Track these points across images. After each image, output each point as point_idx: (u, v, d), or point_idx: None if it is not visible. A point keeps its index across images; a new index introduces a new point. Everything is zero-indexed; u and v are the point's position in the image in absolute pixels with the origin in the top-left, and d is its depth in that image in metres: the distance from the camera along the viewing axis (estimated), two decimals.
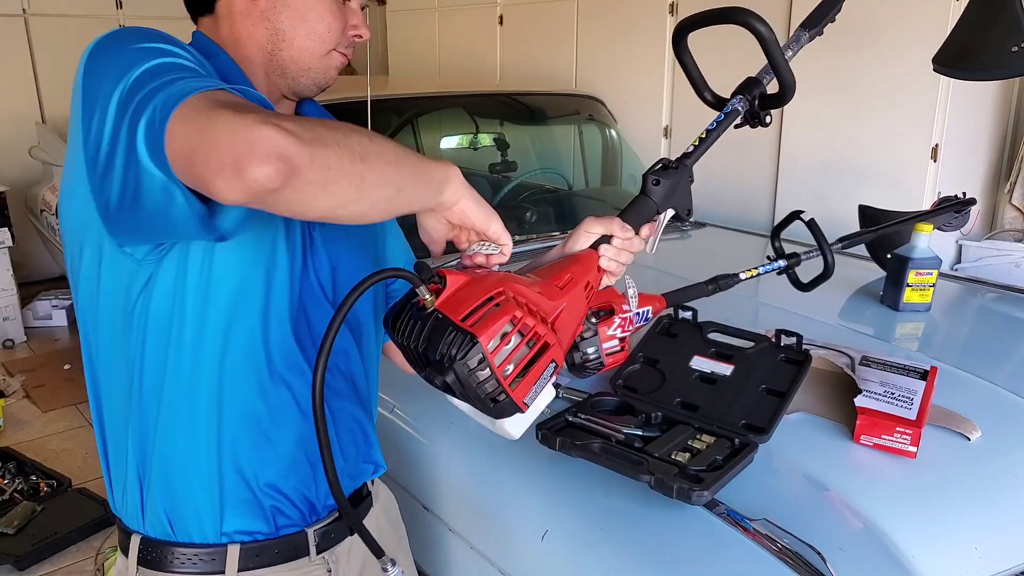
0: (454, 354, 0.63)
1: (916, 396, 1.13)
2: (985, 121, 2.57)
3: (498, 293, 0.68)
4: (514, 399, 0.67)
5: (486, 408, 0.68)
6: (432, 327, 0.65)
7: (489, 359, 0.64)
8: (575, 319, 0.77)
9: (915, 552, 0.93)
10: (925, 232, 1.63)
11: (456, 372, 0.64)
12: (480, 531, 1.10)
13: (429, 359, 0.66)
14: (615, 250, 0.85)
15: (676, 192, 0.88)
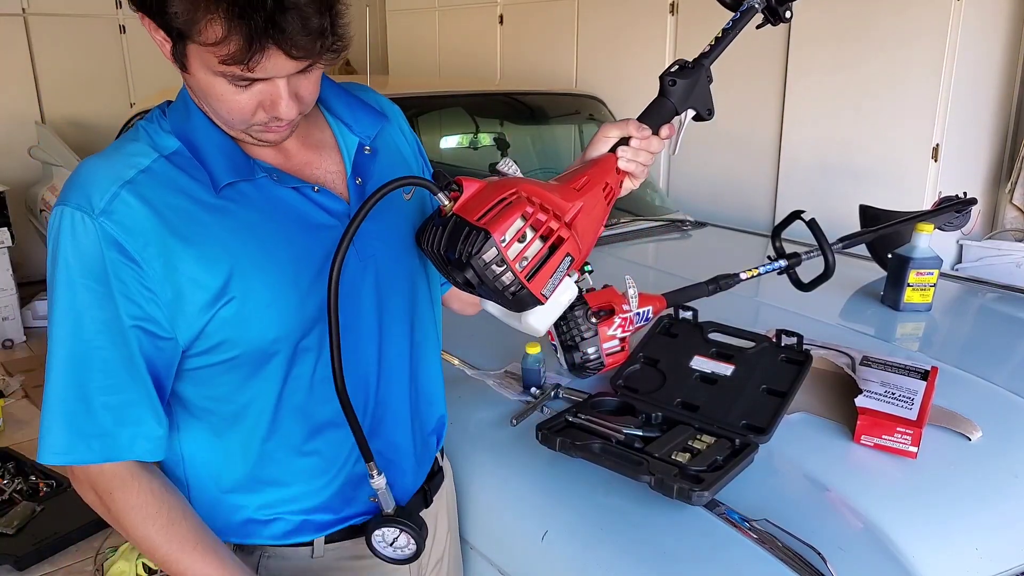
0: (471, 251, 0.68)
1: (917, 396, 1.13)
2: (986, 120, 2.57)
3: (511, 194, 0.72)
4: (531, 290, 0.71)
5: (507, 302, 0.72)
6: (451, 229, 0.70)
7: (503, 252, 0.68)
8: (594, 220, 0.79)
9: (916, 552, 0.93)
10: (926, 232, 1.63)
11: (474, 267, 0.68)
12: (480, 531, 1.10)
13: (450, 260, 0.70)
14: (633, 151, 0.86)
15: (694, 92, 0.88)
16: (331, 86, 0.89)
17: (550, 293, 0.73)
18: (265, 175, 0.79)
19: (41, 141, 3.79)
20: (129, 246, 0.72)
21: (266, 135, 0.77)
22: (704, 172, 3.20)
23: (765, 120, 2.94)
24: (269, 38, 0.64)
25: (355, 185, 0.85)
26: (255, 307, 0.76)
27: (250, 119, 0.74)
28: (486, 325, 1.65)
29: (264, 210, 0.78)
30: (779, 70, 2.85)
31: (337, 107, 0.88)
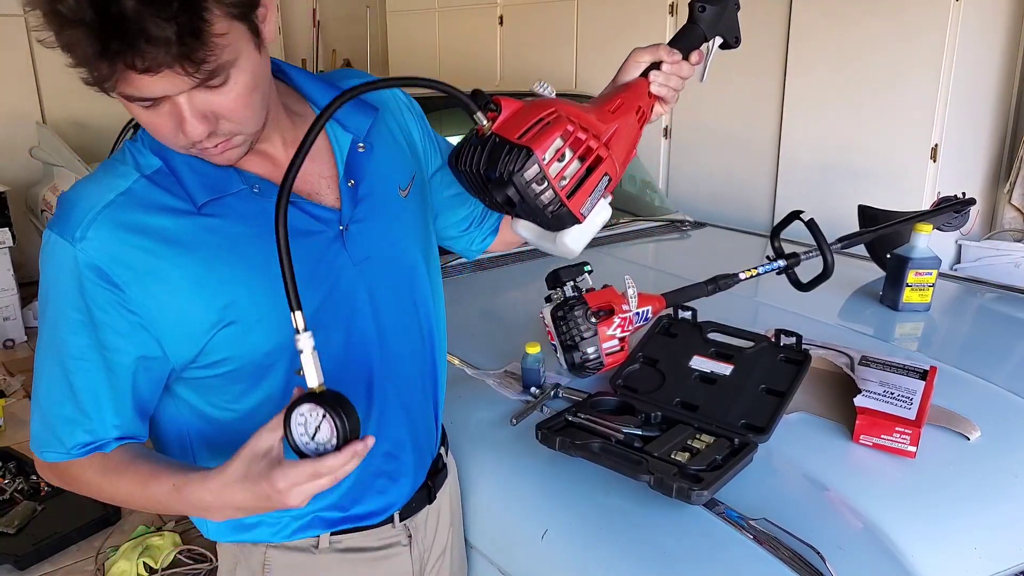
0: (512, 168, 0.67)
1: (915, 396, 1.13)
2: (985, 121, 2.57)
3: (549, 113, 0.71)
4: (571, 208, 0.70)
5: (545, 220, 0.72)
6: (491, 148, 0.70)
7: (545, 170, 0.68)
8: (628, 142, 0.79)
9: (915, 552, 0.93)
10: (925, 232, 1.63)
11: (516, 185, 0.68)
12: (480, 531, 1.10)
13: (490, 178, 0.70)
14: (664, 75, 0.86)
15: (723, 19, 0.88)
16: (316, 80, 0.85)
17: (588, 212, 0.73)
18: (246, 188, 0.76)
19: (42, 141, 3.79)
20: (109, 271, 0.71)
21: (211, 157, 0.72)
22: (703, 172, 3.20)
23: (764, 120, 2.94)
24: (114, 54, 0.59)
25: (347, 188, 0.82)
26: (250, 323, 0.75)
27: (177, 141, 0.69)
28: (486, 325, 1.66)
29: (251, 222, 0.76)
30: (778, 70, 2.85)
31: (325, 99, 0.83)
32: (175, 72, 0.61)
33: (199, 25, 0.59)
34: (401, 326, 0.88)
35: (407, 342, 0.89)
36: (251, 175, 0.77)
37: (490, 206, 0.75)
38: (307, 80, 0.85)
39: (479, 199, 0.76)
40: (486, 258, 1.96)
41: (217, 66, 0.62)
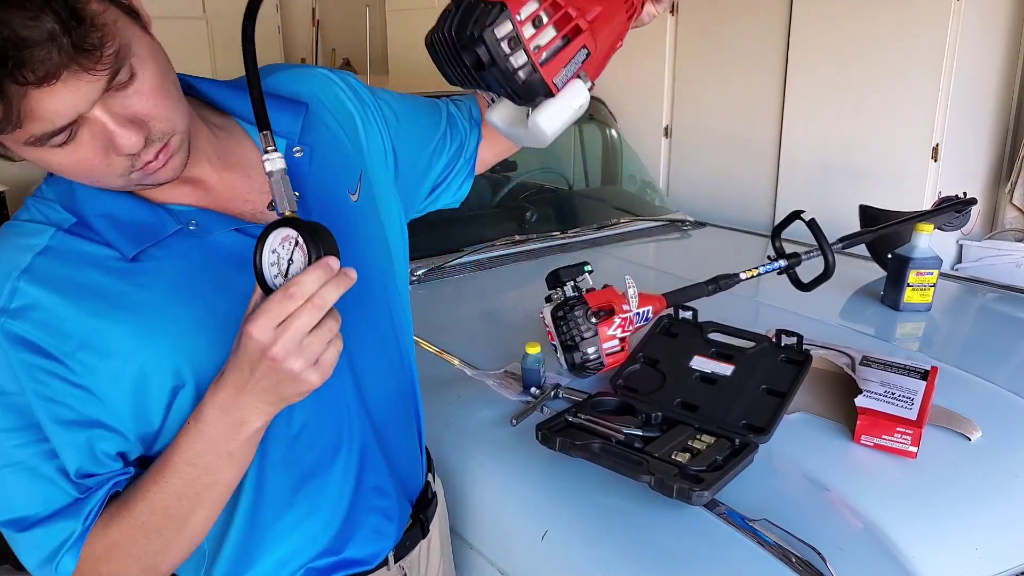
0: (484, 23, 0.64)
1: (917, 396, 1.13)
2: (986, 120, 2.57)
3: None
4: (544, 76, 0.66)
5: (515, 87, 0.66)
6: (464, 8, 0.66)
7: (518, 29, 0.65)
8: (612, 31, 0.75)
9: (915, 552, 0.93)
10: (926, 232, 1.63)
11: (486, 43, 0.64)
12: (480, 531, 1.10)
13: (461, 40, 0.66)
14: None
15: None
16: (230, 88, 0.75)
17: (562, 84, 0.68)
18: (181, 227, 0.67)
19: None
20: (43, 343, 0.62)
21: (150, 179, 0.63)
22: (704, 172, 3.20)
23: (765, 120, 2.93)
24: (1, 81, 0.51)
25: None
26: (210, 382, 0.64)
27: (112, 170, 0.60)
28: (486, 325, 1.66)
29: (196, 261, 0.67)
30: (779, 70, 2.85)
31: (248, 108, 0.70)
32: (76, 76, 0.53)
33: (75, 7, 0.53)
34: (377, 352, 0.80)
35: (384, 370, 0.82)
36: (183, 209, 0.68)
37: (461, 82, 0.68)
38: (221, 89, 0.74)
39: (450, 77, 0.70)
40: (486, 258, 1.96)
41: (116, 54, 0.55)
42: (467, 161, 0.97)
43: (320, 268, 0.57)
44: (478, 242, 1.99)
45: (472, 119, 0.98)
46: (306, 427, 0.73)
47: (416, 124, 0.91)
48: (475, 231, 2.12)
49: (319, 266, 0.57)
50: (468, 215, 2.30)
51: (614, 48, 0.77)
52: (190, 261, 0.67)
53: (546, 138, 0.71)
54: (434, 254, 1.92)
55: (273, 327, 0.57)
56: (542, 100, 0.68)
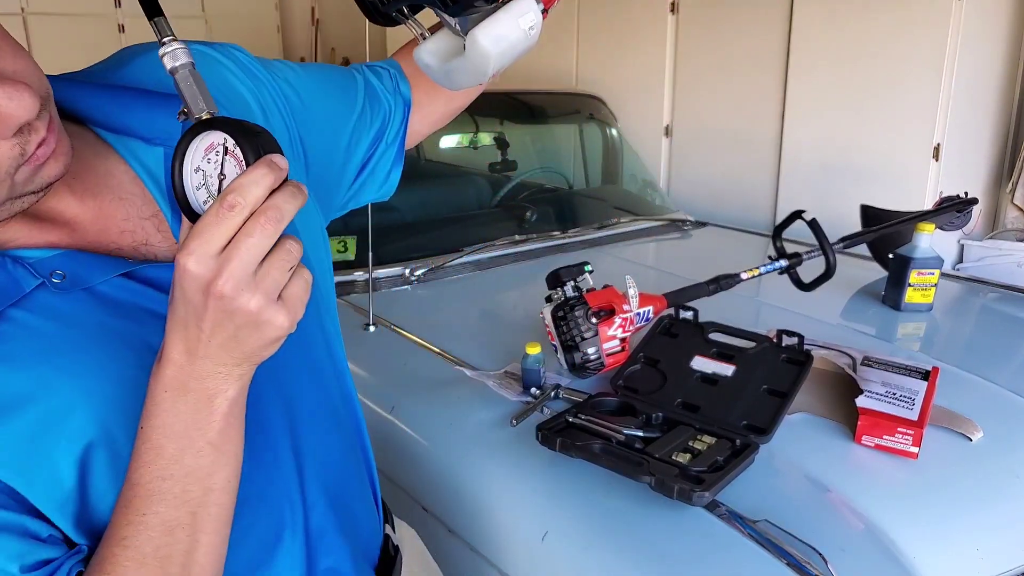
0: None
1: (918, 396, 1.12)
2: (987, 120, 2.57)
3: None
4: None
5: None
6: None
7: None
8: None
9: (917, 553, 0.93)
10: (927, 232, 1.62)
11: None
12: (480, 532, 1.10)
13: None
14: None
15: None
16: (81, 84, 0.57)
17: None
18: (41, 280, 0.50)
19: None
20: None
21: (38, 177, 0.47)
22: (705, 172, 3.20)
23: (766, 120, 2.93)
24: None
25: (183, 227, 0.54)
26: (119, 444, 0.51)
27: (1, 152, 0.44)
28: (486, 325, 1.66)
29: (72, 321, 0.51)
30: (779, 69, 2.85)
31: (109, 113, 0.56)
32: None
33: None
34: (318, 398, 0.66)
35: (328, 419, 0.67)
36: (40, 255, 0.51)
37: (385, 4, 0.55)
38: (69, 87, 0.56)
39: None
40: (486, 258, 1.96)
41: None
42: (391, 142, 0.79)
43: (263, 166, 0.44)
44: (478, 242, 1.99)
45: (397, 91, 0.80)
46: (235, 517, 0.53)
47: (326, 102, 0.74)
48: (475, 231, 2.11)
49: (261, 164, 0.44)
50: (468, 215, 2.29)
51: None
52: (64, 322, 0.50)
53: (487, 64, 0.56)
54: (434, 254, 1.92)
55: (213, 253, 0.43)
56: (485, 8, 0.55)
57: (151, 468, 0.48)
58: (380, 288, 1.76)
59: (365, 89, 0.78)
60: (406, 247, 1.97)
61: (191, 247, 0.43)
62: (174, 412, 0.47)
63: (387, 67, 0.81)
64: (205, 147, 0.45)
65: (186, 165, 0.46)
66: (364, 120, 0.76)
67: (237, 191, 0.43)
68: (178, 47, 0.47)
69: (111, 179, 0.56)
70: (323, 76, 0.75)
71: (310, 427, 0.64)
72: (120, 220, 0.56)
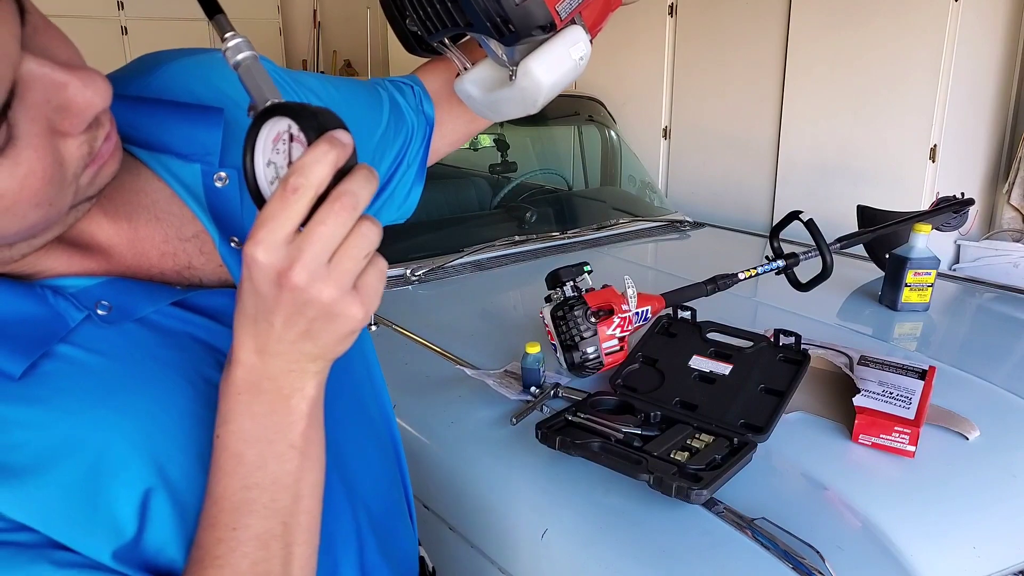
0: None
1: (914, 396, 1.13)
2: (984, 121, 2.57)
3: None
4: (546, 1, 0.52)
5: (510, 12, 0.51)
6: None
7: None
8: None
9: (914, 551, 0.93)
10: (923, 232, 1.63)
11: None
12: (480, 530, 1.10)
13: None
14: None
15: None
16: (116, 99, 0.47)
17: (565, 13, 0.54)
18: (87, 312, 0.46)
19: None
20: None
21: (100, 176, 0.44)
22: (702, 173, 3.20)
23: (763, 121, 2.94)
24: None
25: (232, 251, 0.53)
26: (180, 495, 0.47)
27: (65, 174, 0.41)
28: (486, 325, 1.66)
29: (115, 349, 0.47)
30: (777, 71, 2.86)
31: (142, 128, 0.52)
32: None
33: None
34: (362, 423, 0.63)
35: (371, 446, 0.64)
36: (82, 284, 0.47)
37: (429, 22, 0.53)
38: None
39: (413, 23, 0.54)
40: (486, 258, 1.97)
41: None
42: (412, 161, 0.77)
43: (324, 143, 0.40)
44: (478, 243, 2.00)
45: (421, 109, 0.78)
46: None
47: (351, 113, 0.69)
48: (475, 231, 2.12)
49: (322, 141, 0.40)
50: (468, 215, 2.30)
51: (611, 7, 0.64)
52: (114, 357, 0.46)
53: (539, 94, 0.55)
54: (435, 255, 1.92)
55: (282, 241, 0.40)
56: (536, 38, 0.54)
57: (234, 478, 0.45)
58: None
59: (390, 105, 0.75)
60: (407, 247, 1.97)
61: (259, 236, 0.40)
62: (250, 415, 0.44)
63: (411, 83, 0.78)
64: (272, 137, 0.43)
65: (257, 160, 0.43)
66: (388, 136, 0.74)
67: (299, 172, 0.40)
68: (240, 40, 0.45)
69: (145, 198, 0.52)
70: (349, 89, 0.74)
71: (354, 451, 0.60)
72: (159, 243, 0.52)
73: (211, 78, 0.59)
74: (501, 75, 0.58)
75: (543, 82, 0.56)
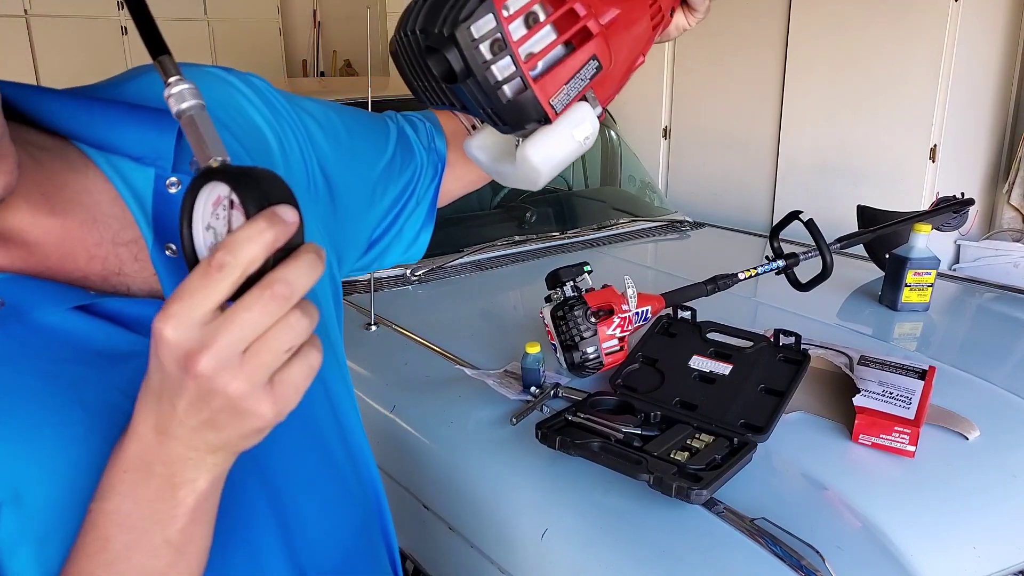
0: (457, 18, 0.47)
1: (914, 396, 1.13)
2: (984, 121, 2.58)
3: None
4: (537, 95, 0.49)
5: (497, 107, 0.50)
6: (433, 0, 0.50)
7: (504, 27, 0.48)
8: (632, 41, 0.56)
9: (914, 551, 0.93)
10: (923, 232, 1.63)
11: (459, 45, 0.48)
12: (480, 530, 1.10)
13: (427, 38, 0.50)
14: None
15: None
16: (66, 96, 0.51)
17: (561, 106, 0.51)
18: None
19: None
20: None
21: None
22: (702, 173, 3.20)
23: (763, 121, 2.94)
24: None
25: (166, 259, 0.50)
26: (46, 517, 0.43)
27: None
28: (486, 325, 1.66)
29: (5, 357, 0.43)
30: (777, 71, 2.86)
31: (93, 127, 0.51)
32: None
33: None
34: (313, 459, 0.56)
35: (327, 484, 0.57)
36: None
37: (431, 99, 0.52)
38: (50, 99, 0.51)
39: (418, 93, 0.53)
40: (486, 258, 1.96)
41: None
42: (422, 199, 0.73)
43: (263, 219, 0.36)
44: (478, 242, 2.00)
45: (432, 146, 0.75)
46: None
47: (353, 140, 0.68)
48: (475, 231, 2.12)
49: (261, 217, 0.36)
50: (468, 215, 2.30)
51: (634, 65, 0.59)
52: (5, 349, 0.43)
53: (538, 178, 0.54)
54: (434, 254, 1.92)
55: (196, 322, 0.36)
56: (535, 127, 0.52)
57: (94, 562, 0.41)
58: (381, 288, 1.77)
59: (398, 136, 0.72)
60: None
61: (171, 310, 0.36)
62: (132, 498, 0.40)
63: (423, 119, 0.76)
64: (213, 201, 0.39)
65: (196, 223, 0.39)
66: (393, 168, 0.71)
67: (227, 248, 0.36)
68: (185, 88, 0.41)
69: (86, 197, 0.49)
70: (353, 117, 0.70)
71: (304, 499, 0.55)
72: (91, 244, 0.49)
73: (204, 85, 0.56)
74: (508, 144, 0.57)
75: (542, 170, 0.54)
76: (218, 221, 0.39)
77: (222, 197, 0.38)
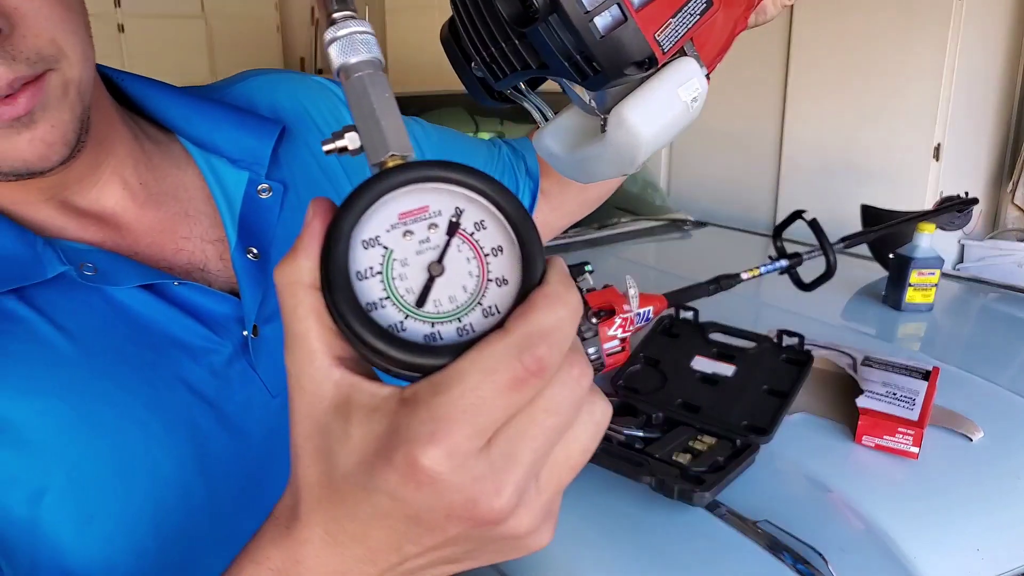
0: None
1: (918, 397, 1.12)
2: (987, 120, 2.57)
3: None
4: (640, 25, 0.38)
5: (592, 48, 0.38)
6: None
7: None
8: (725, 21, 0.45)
9: (917, 553, 0.93)
10: (927, 232, 1.62)
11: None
12: None
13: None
14: None
15: None
16: (178, 94, 0.54)
17: (669, 44, 0.40)
18: (70, 269, 0.43)
19: None
20: None
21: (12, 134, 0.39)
22: (705, 172, 3.20)
23: (766, 120, 2.93)
24: None
25: (246, 262, 0.50)
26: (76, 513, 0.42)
27: None
28: None
29: (81, 328, 0.44)
30: (780, 70, 2.85)
31: (197, 124, 0.53)
32: None
33: None
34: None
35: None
36: (77, 246, 0.46)
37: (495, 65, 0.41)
38: (163, 94, 0.53)
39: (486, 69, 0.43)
40: None
41: None
42: None
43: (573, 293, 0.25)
44: None
45: (529, 172, 0.71)
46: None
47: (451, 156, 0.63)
48: None
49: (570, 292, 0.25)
50: None
51: (736, 28, 0.48)
52: (70, 335, 0.43)
53: (637, 147, 0.42)
54: None
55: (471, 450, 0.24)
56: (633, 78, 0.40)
57: None
58: None
59: (503, 159, 0.70)
60: None
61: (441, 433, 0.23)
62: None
63: (511, 143, 0.73)
64: (402, 211, 0.26)
65: (361, 233, 0.26)
66: None
67: (548, 340, 0.24)
68: (356, 29, 0.28)
69: (182, 192, 0.52)
70: (460, 136, 0.70)
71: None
72: (179, 237, 0.50)
73: (298, 94, 0.58)
74: (590, 125, 0.45)
75: (642, 134, 0.41)
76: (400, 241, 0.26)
77: (431, 211, 0.26)
